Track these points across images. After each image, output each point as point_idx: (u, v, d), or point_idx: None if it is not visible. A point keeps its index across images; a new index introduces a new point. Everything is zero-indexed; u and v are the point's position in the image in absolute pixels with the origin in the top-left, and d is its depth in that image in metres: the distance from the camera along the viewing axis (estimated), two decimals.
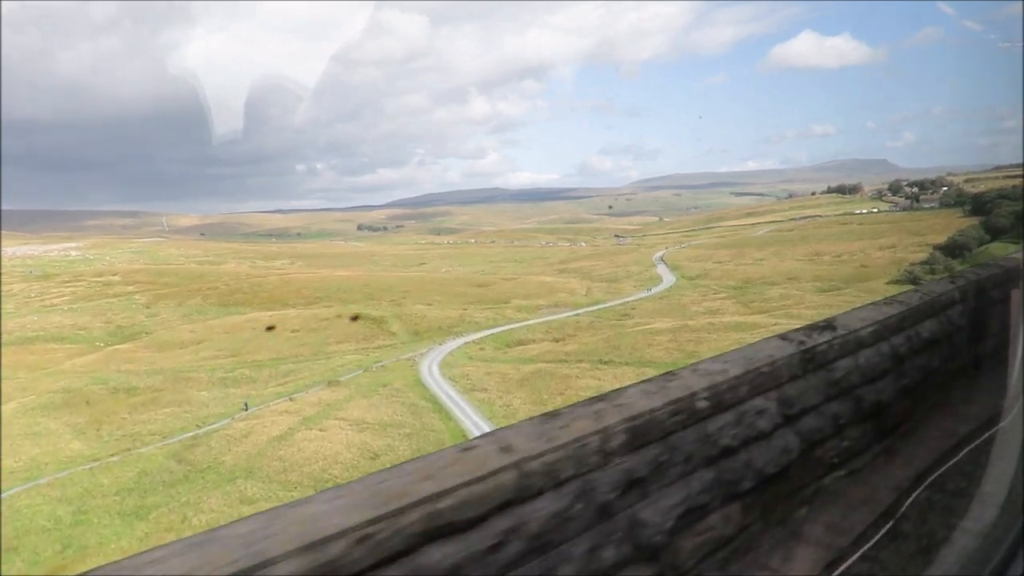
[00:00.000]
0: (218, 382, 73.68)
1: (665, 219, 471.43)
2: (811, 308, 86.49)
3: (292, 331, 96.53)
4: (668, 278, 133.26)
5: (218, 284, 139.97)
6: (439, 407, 56.96)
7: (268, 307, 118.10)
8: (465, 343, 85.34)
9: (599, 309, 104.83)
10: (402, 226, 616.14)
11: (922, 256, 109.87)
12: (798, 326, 3.92)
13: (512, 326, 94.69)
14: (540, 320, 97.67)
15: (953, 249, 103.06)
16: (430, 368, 70.90)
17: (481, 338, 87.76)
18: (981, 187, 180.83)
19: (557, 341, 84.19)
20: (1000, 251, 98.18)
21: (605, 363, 67.29)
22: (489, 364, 71.51)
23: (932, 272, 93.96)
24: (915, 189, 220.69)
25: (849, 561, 3.04)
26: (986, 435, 3.90)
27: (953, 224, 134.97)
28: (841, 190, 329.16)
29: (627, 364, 65.91)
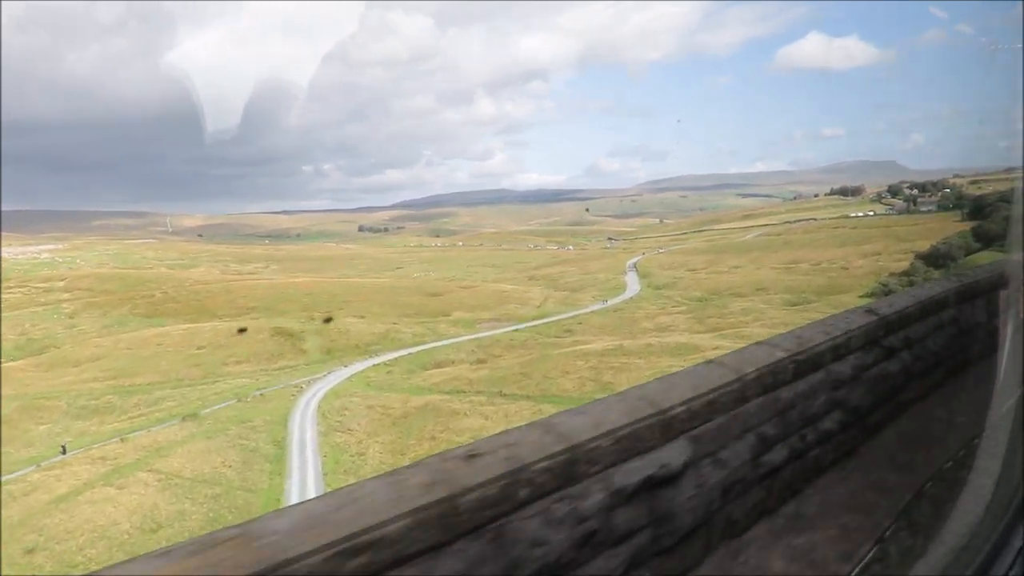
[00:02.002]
0: (74, 412, 64.65)
1: (666, 221, 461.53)
2: (768, 326, 76.26)
3: (199, 347, 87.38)
4: (633, 287, 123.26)
5: (156, 292, 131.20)
6: (281, 456, 47.47)
7: (194, 318, 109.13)
8: (374, 364, 75.91)
9: (543, 323, 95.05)
10: (403, 228, 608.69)
11: (904, 265, 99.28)
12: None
13: (439, 344, 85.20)
14: (472, 337, 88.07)
15: (936, 258, 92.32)
16: (311, 399, 61.44)
17: (396, 358, 78.28)
18: (988, 189, 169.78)
19: (477, 363, 74.59)
20: (988, 261, 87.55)
21: (505, 396, 57.54)
22: (380, 394, 61.96)
23: (910, 284, 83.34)
24: (914, 191, 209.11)
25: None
26: (970, 440, 3.67)
27: (947, 229, 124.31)
28: (843, 192, 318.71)
29: (528, 398, 56.14)
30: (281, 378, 72.31)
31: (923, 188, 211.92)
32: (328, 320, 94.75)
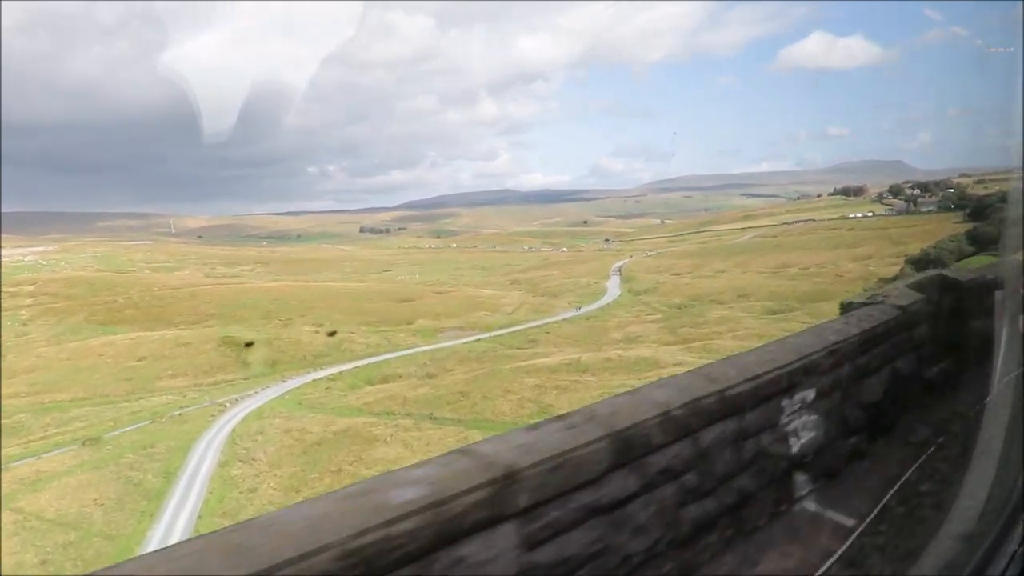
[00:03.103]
0: None
1: (667, 221, 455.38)
2: (740, 339, 70.70)
3: (140, 359, 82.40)
4: (612, 293, 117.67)
5: (119, 297, 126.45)
6: (164, 492, 42.18)
7: (149, 326, 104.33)
8: (315, 379, 70.68)
9: (509, 333, 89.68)
10: (404, 228, 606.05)
11: (895, 271, 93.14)
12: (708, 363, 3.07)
13: (392, 355, 79.97)
14: (429, 348, 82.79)
15: (926, 264, 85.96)
16: (230, 420, 56.19)
17: (341, 372, 73.05)
18: (994, 189, 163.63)
19: (426, 378, 69.28)
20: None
21: (435, 419, 52.17)
22: (306, 415, 56.68)
23: None
24: (916, 191, 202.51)
25: None
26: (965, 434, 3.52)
27: (945, 231, 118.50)
28: (846, 192, 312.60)
29: (458, 423, 50.79)
30: (212, 394, 67.15)
31: (925, 188, 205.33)
32: (334, 335, 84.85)
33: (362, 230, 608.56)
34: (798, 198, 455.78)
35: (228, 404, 61.56)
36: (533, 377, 60.54)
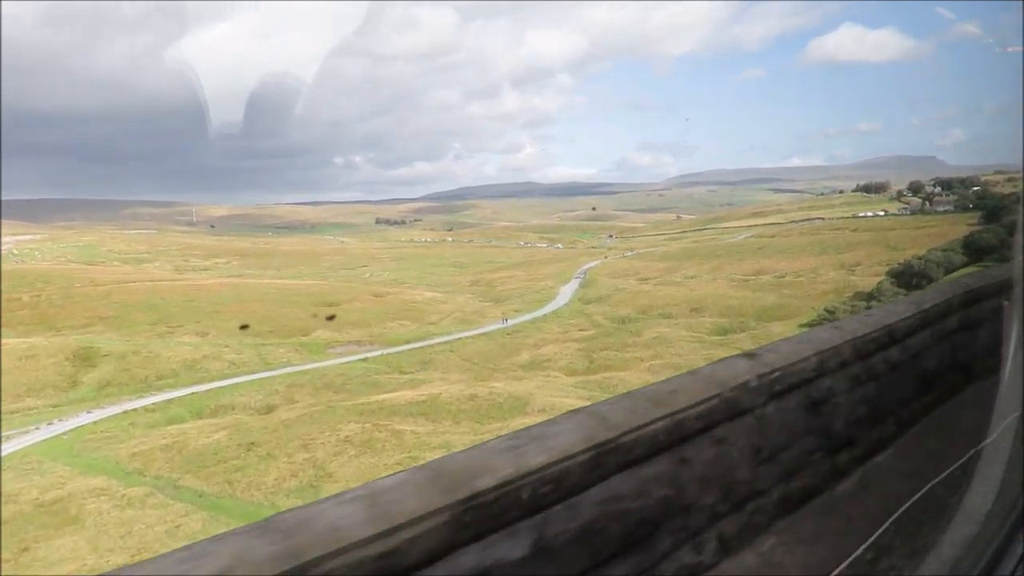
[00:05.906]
0: None
1: (684, 217, 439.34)
2: (655, 372, 56.37)
3: None
4: (561, 300, 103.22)
5: (24, 296, 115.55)
6: None
7: (25, 332, 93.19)
8: (130, 409, 58.07)
9: (409, 349, 76.43)
10: (419, 220, 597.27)
11: (874, 283, 77.62)
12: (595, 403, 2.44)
13: (249, 377, 67.13)
14: (296, 369, 69.62)
15: (909, 277, 70.50)
16: None
17: (170, 400, 60.34)
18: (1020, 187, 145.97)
19: (262, 411, 56.32)
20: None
21: (178, 488, 38.87)
22: (54, 468, 43.97)
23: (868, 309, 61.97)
24: (936, 189, 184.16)
25: None
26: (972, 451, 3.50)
27: (954, 233, 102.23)
28: (867, 188, 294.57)
29: (200, 498, 37.44)
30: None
31: (948, 185, 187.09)
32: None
33: (378, 221, 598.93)
34: (821, 194, 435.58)
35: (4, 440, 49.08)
36: (361, 421, 46.96)
